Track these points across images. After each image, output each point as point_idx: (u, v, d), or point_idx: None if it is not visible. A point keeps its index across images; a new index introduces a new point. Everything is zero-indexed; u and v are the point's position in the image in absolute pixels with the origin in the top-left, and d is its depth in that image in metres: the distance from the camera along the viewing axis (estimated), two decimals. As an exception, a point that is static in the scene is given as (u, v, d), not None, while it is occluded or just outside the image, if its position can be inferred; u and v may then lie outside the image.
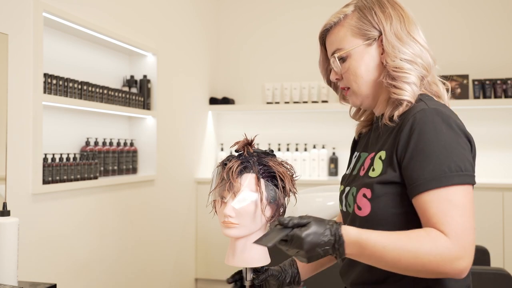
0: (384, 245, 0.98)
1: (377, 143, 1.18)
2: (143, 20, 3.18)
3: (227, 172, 1.15)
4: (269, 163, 1.18)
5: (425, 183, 1.00)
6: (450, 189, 0.99)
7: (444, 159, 1.00)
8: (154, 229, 3.28)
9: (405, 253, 0.97)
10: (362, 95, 1.19)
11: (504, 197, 3.40)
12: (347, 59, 1.18)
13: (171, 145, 3.50)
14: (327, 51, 1.25)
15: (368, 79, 1.17)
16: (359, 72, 1.17)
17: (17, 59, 2.14)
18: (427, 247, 0.96)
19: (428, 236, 0.97)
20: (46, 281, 2.22)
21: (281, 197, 1.19)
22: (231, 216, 1.15)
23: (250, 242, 1.15)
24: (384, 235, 1.00)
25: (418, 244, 0.97)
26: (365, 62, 1.16)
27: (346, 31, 1.18)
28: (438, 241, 0.96)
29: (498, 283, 1.91)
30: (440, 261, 0.96)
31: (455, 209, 0.98)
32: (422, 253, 0.96)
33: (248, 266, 1.20)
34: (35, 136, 2.22)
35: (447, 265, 0.96)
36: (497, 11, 3.83)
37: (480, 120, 3.78)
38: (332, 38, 1.21)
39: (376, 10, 1.16)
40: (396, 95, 1.12)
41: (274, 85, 4.13)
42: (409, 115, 1.08)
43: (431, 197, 0.99)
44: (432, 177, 1.00)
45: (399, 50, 1.13)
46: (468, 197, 1.00)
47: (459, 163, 1.01)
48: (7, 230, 1.57)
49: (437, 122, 1.04)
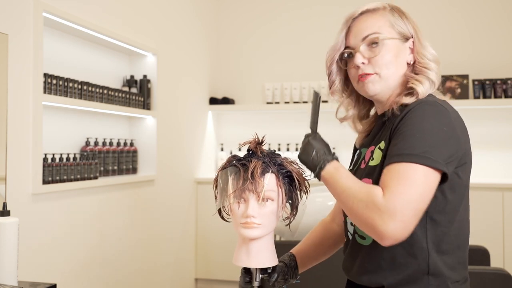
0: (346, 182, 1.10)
1: (379, 136, 1.23)
2: (143, 20, 3.18)
3: (251, 172, 1.14)
4: (283, 163, 1.18)
5: (392, 158, 1.08)
6: (407, 165, 1.04)
7: (416, 141, 1.07)
8: (154, 229, 3.28)
9: (350, 195, 1.08)
10: (387, 83, 1.21)
11: (504, 197, 3.40)
12: (382, 46, 1.20)
13: (171, 145, 3.50)
14: (353, 35, 1.24)
15: (396, 70, 1.22)
16: (393, 60, 1.21)
17: (17, 59, 2.14)
18: (364, 192, 1.06)
19: (371, 187, 1.06)
20: (46, 281, 2.22)
21: (297, 196, 1.20)
22: (254, 217, 1.14)
23: (265, 243, 1.17)
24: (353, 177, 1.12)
25: (360, 189, 1.07)
26: (397, 54, 1.22)
27: (385, 21, 1.22)
28: (374, 194, 1.04)
29: (498, 283, 1.91)
30: (366, 208, 1.04)
31: (404, 180, 1.03)
32: (359, 196, 1.06)
33: (261, 266, 1.19)
34: (35, 136, 2.22)
35: (373, 217, 1.03)
36: (497, 11, 3.83)
37: (480, 120, 3.78)
38: (368, 22, 1.23)
39: (407, 16, 1.26)
40: (413, 85, 1.19)
41: (274, 85, 4.13)
42: (410, 106, 1.15)
43: (390, 167, 1.07)
44: (398, 153, 1.07)
45: (427, 51, 1.24)
46: (424, 178, 1.04)
47: (429, 148, 1.06)
48: (7, 230, 1.57)
49: (427, 111, 1.11)
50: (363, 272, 1.20)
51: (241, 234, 1.16)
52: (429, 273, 1.12)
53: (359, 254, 1.21)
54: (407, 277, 1.13)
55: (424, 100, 1.14)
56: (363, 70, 1.21)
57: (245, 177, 1.14)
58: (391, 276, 1.14)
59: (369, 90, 1.22)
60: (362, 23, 1.23)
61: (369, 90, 1.22)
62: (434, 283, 1.12)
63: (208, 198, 3.88)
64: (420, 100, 1.15)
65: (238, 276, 1.29)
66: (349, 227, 1.26)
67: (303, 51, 4.16)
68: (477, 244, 2.41)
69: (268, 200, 1.15)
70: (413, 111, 1.11)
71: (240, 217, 1.16)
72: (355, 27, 1.24)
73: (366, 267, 1.19)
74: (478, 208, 3.15)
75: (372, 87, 1.21)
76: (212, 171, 4.20)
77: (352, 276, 1.25)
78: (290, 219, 1.22)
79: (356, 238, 1.22)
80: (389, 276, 1.15)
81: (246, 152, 1.22)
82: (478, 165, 2.89)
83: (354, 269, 1.23)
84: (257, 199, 1.14)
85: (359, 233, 1.21)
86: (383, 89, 1.21)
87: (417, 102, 1.15)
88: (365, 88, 1.22)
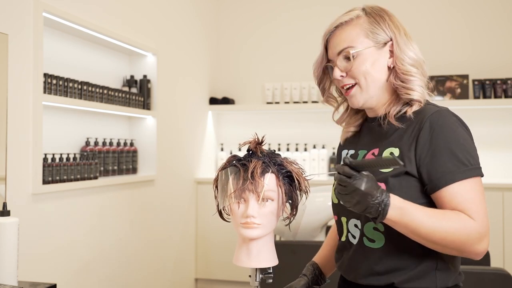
0: (421, 217, 1.08)
1: (380, 140, 1.24)
2: (143, 20, 3.18)
3: (251, 172, 1.14)
4: (283, 163, 1.18)
5: (452, 176, 1.12)
6: (472, 180, 1.12)
7: (464, 154, 1.13)
8: (154, 229, 3.28)
9: (438, 228, 1.08)
10: (369, 93, 1.24)
11: (504, 197, 3.40)
12: (357, 57, 1.22)
13: (171, 145, 3.50)
14: (330, 50, 1.28)
15: (376, 79, 1.23)
16: (369, 69, 1.22)
17: (17, 59, 2.14)
18: (458, 226, 1.08)
19: (458, 217, 1.09)
20: (46, 281, 2.22)
21: (297, 196, 1.21)
22: (254, 217, 1.14)
23: (265, 243, 1.17)
24: (422, 208, 1.10)
25: (450, 222, 1.09)
26: (374, 62, 1.23)
27: (359, 31, 1.23)
28: (467, 222, 1.09)
29: (498, 283, 1.91)
30: (467, 240, 1.09)
31: (477, 197, 1.11)
32: (453, 230, 1.08)
33: (261, 266, 1.19)
34: (35, 136, 2.22)
35: (473, 244, 1.09)
36: (497, 11, 3.83)
37: (480, 120, 3.78)
38: (342, 36, 1.25)
39: (386, 18, 1.25)
40: (407, 95, 1.21)
41: (274, 85, 4.13)
42: (424, 116, 1.17)
43: (458, 187, 1.11)
44: (457, 170, 1.12)
45: (407, 55, 1.23)
46: (482, 187, 1.14)
47: (475, 157, 1.15)
48: (7, 230, 1.57)
49: (452, 121, 1.16)
50: (373, 273, 1.21)
51: (241, 234, 1.16)
52: (437, 268, 1.18)
53: (367, 257, 1.22)
54: (417, 273, 1.17)
55: (438, 110, 1.18)
56: (343, 82, 1.26)
57: (245, 177, 1.14)
58: (402, 275, 1.18)
59: (353, 103, 1.27)
60: (337, 37, 1.26)
61: (354, 103, 1.27)
62: (440, 277, 1.18)
63: (208, 198, 3.88)
64: (434, 109, 1.18)
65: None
66: (352, 230, 1.25)
67: (303, 51, 4.16)
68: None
69: (268, 200, 1.15)
70: (438, 124, 1.15)
71: (240, 217, 1.15)
72: (332, 41, 1.27)
73: (376, 268, 1.20)
74: (478, 208, 3.14)
75: (355, 101, 1.26)
76: (212, 171, 4.20)
77: (355, 278, 1.25)
78: (290, 219, 1.22)
79: (364, 241, 1.22)
80: (400, 274, 1.18)
81: (246, 152, 1.21)
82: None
83: (360, 271, 1.23)
84: (257, 199, 1.14)
85: (368, 236, 1.21)
86: (367, 99, 1.25)
87: (430, 110, 1.18)
88: (351, 102, 1.28)
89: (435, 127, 1.15)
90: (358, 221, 1.23)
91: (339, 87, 1.30)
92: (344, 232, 1.29)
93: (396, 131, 1.21)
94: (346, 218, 1.27)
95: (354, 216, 1.24)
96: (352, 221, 1.25)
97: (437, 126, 1.14)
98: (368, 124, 1.32)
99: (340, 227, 1.30)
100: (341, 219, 1.29)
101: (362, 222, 1.22)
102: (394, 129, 1.22)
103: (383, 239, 1.19)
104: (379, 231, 1.19)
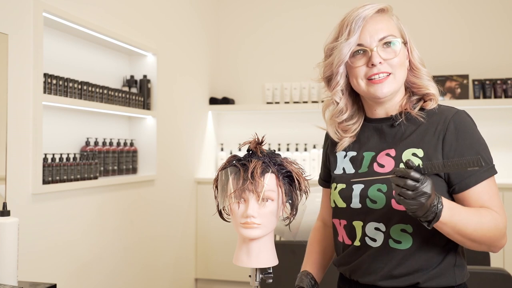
0: (467, 217, 1.12)
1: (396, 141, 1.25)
2: (143, 20, 3.18)
3: (251, 172, 1.13)
4: (283, 163, 1.18)
5: (480, 175, 1.18)
6: (492, 178, 1.20)
7: (486, 153, 1.20)
8: (154, 229, 3.28)
9: (481, 225, 1.13)
10: (398, 84, 1.26)
11: (504, 197, 3.40)
12: (393, 47, 1.24)
13: (171, 145, 3.50)
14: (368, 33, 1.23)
15: (405, 72, 1.27)
16: (403, 62, 1.26)
17: (17, 59, 2.14)
18: (494, 222, 1.15)
19: (491, 213, 1.16)
20: (46, 281, 2.22)
21: (297, 196, 1.20)
22: (254, 217, 1.14)
23: (265, 243, 1.17)
24: (465, 208, 1.14)
25: (488, 219, 1.14)
26: (404, 57, 1.26)
27: (394, 24, 1.27)
28: (497, 218, 1.16)
29: (498, 283, 1.91)
30: (498, 235, 1.16)
31: (497, 193, 1.20)
32: (491, 226, 1.14)
33: (261, 266, 1.19)
34: (35, 136, 2.22)
35: (501, 238, 1.17)
36: (497, 11, 3.83)
37: (480, 120, 3.71)
38: (384, 23, 1.25)
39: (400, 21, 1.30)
40: (424, 89, 1.27)
41: (274, 85, 4.13)
42: (446, 116, 1.22)
43: (484, 186, 1.18)
44: (482, 169, 1.17)
45: (417, 55, 1.29)
46: (496, 184, 1.22)
47: (490, 156, 1.22)
48: (7, 230, 1.57)
49: (472, 122, 1.23)
50: (395, 275, 1.21)
51: (241, 234, 1.16)
52: (455, 265, 1.22)
53: (391, 258, 1.21)
54: (439, 270, 1.20)
55: (457, 111, 1.23)
56: (380, 69, 1.22)
57: (245, 177, 1.14)
58: (426, 274, 1.20)
59: (383, 90, 1.22)
60: (379, 23, 1.23)
61: (384, 91, 1.22)
62: (458, 273, 1.22)
63: (208, 198, 3.88)
64: (451, 110, 1.24)
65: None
66: (371, 233, 1.23)
67: (303, 51, 4.16)
68: (477, 244, 2.41)
69: (268, 200, 1.15)
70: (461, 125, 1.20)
71: (240, 217, 1.15)
72: (371, 26, 1.23)
73: (399, 269, 1.20)
74: (478, 208, 3.14)
75: (386, 89, 1.22)
76: (212, 171, 4.20)
77: (375, 280, 1.23)
78: (290, 219, 1.21)
79: (390, 243, 1.21)
80: (425, 274, 1.20)
81: (246, 152, 1.21)
82: (478, 165, 2.89)
83: (381, 273, 1.22)
84: (257, 199, 1.14)
85: (394, 238, 1.21)
86: (395, 91, 1.25)
87: (451, 111, 1.23)
88: (380, 89, 1.22)
89: (459, 127, 1.19)
90: (381, 224, 1.22)
91: (364, 76, 1.24)
92: (358, 236, 1.26)
93: (414, 132, 1.23)
94: (362, 222, 1.25)
95: (374, 219, 1.22)
96: (371, 224, 1.23)
97: (462, 127, 1.19)
98: (373, 125, 1.30)
99: (352, 231, 1.28)
100: (352, 224, 1.27)
101: (387, 225, 1.21)
102: (412, 130, 1.24)
103: (410, 240, 1.20)
104: (407, 232, 1.20)
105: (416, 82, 1.28)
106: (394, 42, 1.23)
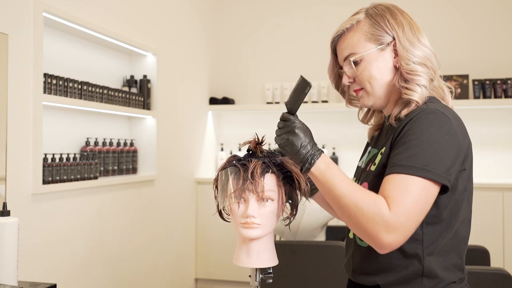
0: (341, 181, 1.09)
1: (382, 141, 1.27)
2: (143, 20, 3.18)
3: (251, 172, 1.13)
4: (283, 163, 1.18)
5: (394, 168, 1.09)
6: (409, 178, 1.06)
7: (418, 152, 1.08)
8: (154, 229, 3.28)
9: (349, 196, 1.07)
10: (375, 96, 1.26)
11: (504, 197, 3.40)
12: (360, 62, 1.24)
13: (171, 145, 3.50)
14: (338, 56, 1.30)
15: (382, 81, 1.24)
16: (373, 74, 1.23)
17: (17, 59, 2.14)
18: (369, 203, 1.05)
19: (375, 198, 1.06)
20: (46, 281, 2.22)
21: (297, 196, 1.21)
22: (254, 217, 1.14)
23: (265, 243, 1.17)
24: (346, 176, 1.11)
25: (363, 197, 1.06)
26: (378, 65, 1.23)
27: (359, 36, 1.24)
28: (381, 205, 1.04)
29: (498, 283, 1.91)
30: (371, 220, 1.04)
31: (408, 195, 1.05)
32: (362, 205, 1.05)
33: (261, 266, 1.19)
34: (35, 136, 2.22)
35: (378, 231, 1.04)
36: (497, 11, 3.83)
37: (480, 120, 3.77)
38: (345, 43, 1.26)
39: (388, 18, 1.24)
40: (407, 95, 1.20)
41: (274, 85, 4.13)
42: (411, 115, 1.16)
43: (395, 178, 1.07)
44: (401, 164, 1.08)
45: (412, 53, 1.21)
46: (425, 192, 1.06)
47: (431, 160, 1.07)
48: (7, 230, 1.57)
49: (429, 120, 1.12)
50: (361, 272, 1.23)
51: (241, 234, 1.16)
52: (423, 275, 1.16)
53: (358, 255, 1.25)
54: (402, 277, 1.17)
55: (425, 108, 1.15)
56: (353, 87, 1.29)
57: (245, 177, 1.14)
58: (387, 277, 1.18)
59: (363, 104, 1.31)
60: (341, 44, 1.28)
61: (363, 104, 1.30)
62: (428, 284, 1.16)
63: (208, 198, 3.88)
64: (421, 108, 1.15)
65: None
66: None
67: (303, 51, 4.16)
68: (477, 244, 2.41)
69: (268, 200, 1.15)
70: (415, 120, 1.13)
71: (240, 217, 1.15)
72: (338, 48, 1.30)
73: (363, 267, 1.22)
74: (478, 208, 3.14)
75: (364, 102, 1.29)
76: (212, 171, 4.20)
77: (351, 275, 1.29)
78: (290, 219, 1.22)
79: (356, 239, 1.25)
80: (385, 276, 1.18)
81: (246, 152, 1.21)
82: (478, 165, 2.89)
83: (352, 268, 1.27)
84: (257, 199, 1.14)
85: None
86: (375, 101, 1.27)
87: (419, 110, 1.15)
88: (361, 102, 1.31)
89: (411, 124, 1.13)
90: None
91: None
92: (347, 230, 1.34)
93: (391, 130, 1.23)
94: None
95: None
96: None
97: (412, 123, 1.13)
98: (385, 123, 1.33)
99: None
100: None
101: None
102: (392, 128, 1.23)
103: None
104: None
105: (402, 85, 1.21)
106: (352, 60, 1.24)
